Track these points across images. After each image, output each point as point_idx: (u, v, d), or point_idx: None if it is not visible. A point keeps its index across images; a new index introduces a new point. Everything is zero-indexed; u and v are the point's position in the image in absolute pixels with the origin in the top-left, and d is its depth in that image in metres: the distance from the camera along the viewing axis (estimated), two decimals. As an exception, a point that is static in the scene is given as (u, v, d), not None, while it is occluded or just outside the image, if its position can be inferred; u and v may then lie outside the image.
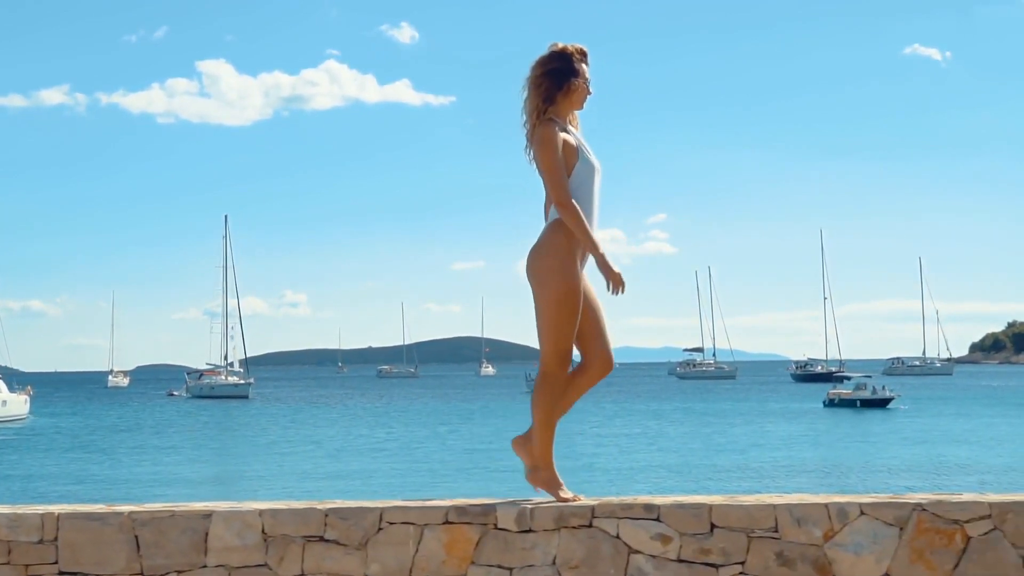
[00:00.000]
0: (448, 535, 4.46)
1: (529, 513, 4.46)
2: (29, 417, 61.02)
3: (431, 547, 4.46)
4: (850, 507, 4.43)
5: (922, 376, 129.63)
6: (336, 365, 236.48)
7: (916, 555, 4.40)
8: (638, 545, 4.43)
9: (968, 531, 4.40)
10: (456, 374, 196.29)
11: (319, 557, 4.46)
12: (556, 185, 4.56)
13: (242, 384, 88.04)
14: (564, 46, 4.70)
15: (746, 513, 4.44)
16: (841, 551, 4.41)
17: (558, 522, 4.45)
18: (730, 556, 4.42)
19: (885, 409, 60.62)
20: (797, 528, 4.42)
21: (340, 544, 4.47)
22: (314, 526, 4.47)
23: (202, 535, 4.47)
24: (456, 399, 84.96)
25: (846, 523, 4.42)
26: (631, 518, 4.45)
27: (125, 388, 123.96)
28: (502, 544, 4.45)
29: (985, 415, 56.11)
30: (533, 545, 4.45)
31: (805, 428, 48.35)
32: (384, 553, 4.46)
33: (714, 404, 71.07)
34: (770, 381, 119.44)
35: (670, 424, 51.64)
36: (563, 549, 4.44)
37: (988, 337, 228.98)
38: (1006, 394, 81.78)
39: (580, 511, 4.46)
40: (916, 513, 4.41)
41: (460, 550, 4.46)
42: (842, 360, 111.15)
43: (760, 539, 4.42)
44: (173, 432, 51.12)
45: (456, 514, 4.47)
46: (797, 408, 64.74)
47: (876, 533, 4.41)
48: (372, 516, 4.48)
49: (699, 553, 4.42)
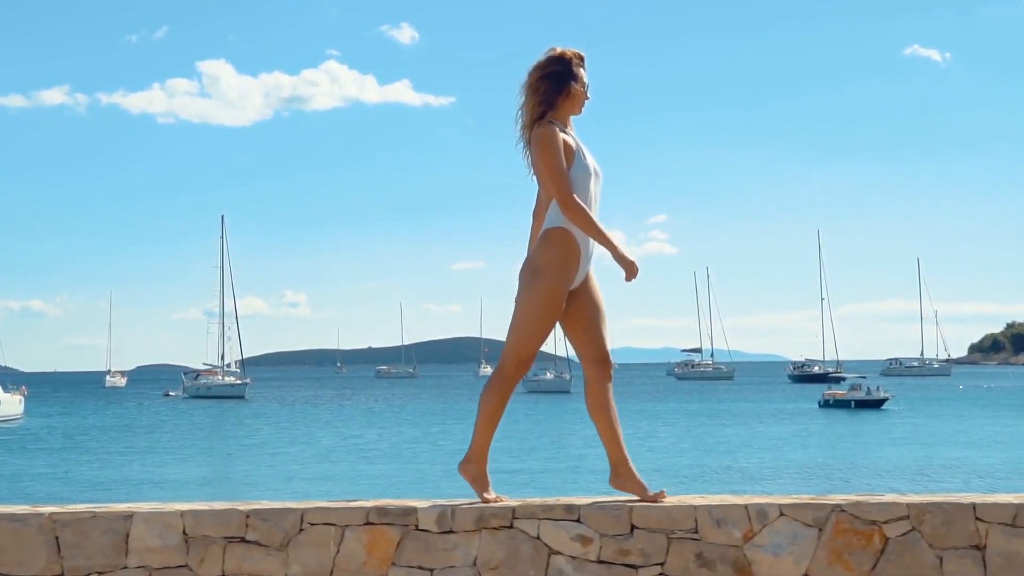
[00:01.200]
0: (369, 536, 4.47)
1: (450, 514, 4.47)
2: (23, 417, 61.02)
3: (352, 548, 4.46)
4: (770, 508, 4.44)
5: (920, 377, 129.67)
6: (335, 365, 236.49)
7: (834, 556, 4.41)
8: (558, 546, 4.44)
9: (886, 532, 4.41)
10: (455, 374, 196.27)
11: (240, 558, 4.47)
12: (560, 186, 4.53)
13: (238, 384, 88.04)
14: (563, 51, 4.68)
15: (666, 514, 4.45)
16: (760, 552, 4.42)
17: (479, 523, 4.46)
18: (650, 557, 4.42)
19: (879, 410, 60.64)
20: (717, 529, 4.43)
21: (261, 545, 4.47)
22: (235, 527, 4.48)
23: (123, 536, 4.47)
24: (453, 399, 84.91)
25: (765, 524, 4.43)
26: (551, 519, 4.45)
27: (123, 388, 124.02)
28: (423, 545, 4.46)
29: (979, 416, 56.08)
30: (454, 546, 4.45)
31: (797, 429, 48.35)
32: (305, 554, 4.46)
33: (709, 405, 71.06)
34: (767, 382, 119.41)
35: (663, 424, 51.62)
36: (484, 550, 4.45)
37: (987, 338, 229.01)
38: (1001, 395, 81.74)
39: (501, 512, 4.47)
40: (835, 514, 4.42)
41: (381, 551, 4.46)
42: (839, 361, 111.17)
43: (680, 540, 4.43)
44: (164, 433, 51.08)
45: (377, 515, 4.48)
46: (792, 409, 64.74)
47: (795, 534, 4.42)
48: (293, 517, 4.48)
49: (619, 554, 4.43)
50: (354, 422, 57.82)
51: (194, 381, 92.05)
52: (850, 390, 65.35)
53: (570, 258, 4.59)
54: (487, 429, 4.76)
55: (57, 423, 59.89)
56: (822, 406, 63.89)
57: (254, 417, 63.21)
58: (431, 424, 53.79)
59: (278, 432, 50.09)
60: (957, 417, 55.46)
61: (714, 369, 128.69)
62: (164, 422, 60.11)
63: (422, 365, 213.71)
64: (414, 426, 52.76)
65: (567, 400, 72.11)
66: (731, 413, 61.23)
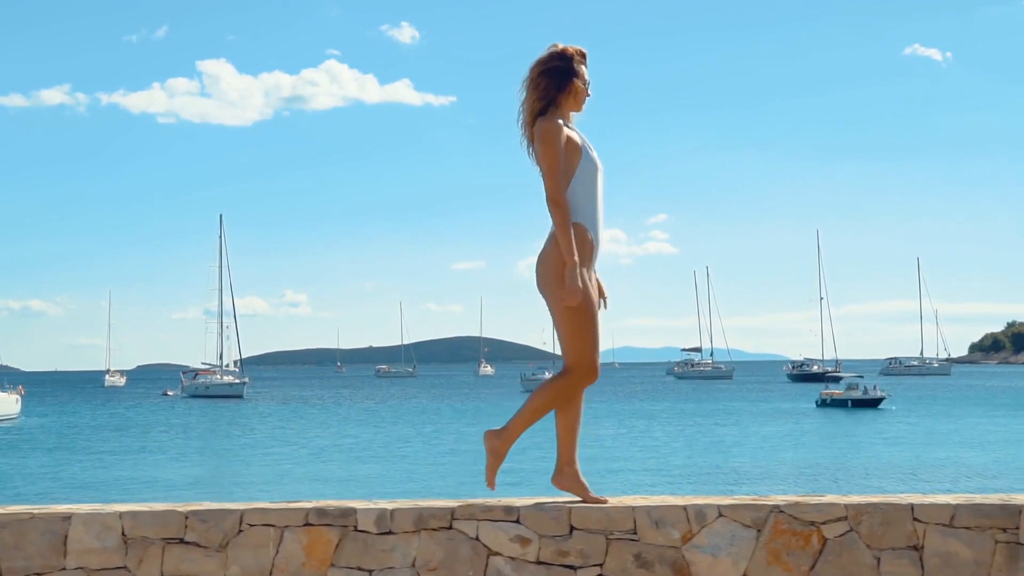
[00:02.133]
0: (308, 537, 4.46)
1: (389, 515, 4.46)
2: (20, 417, 61.02)
3: (291, 549, 4.46)
4: (708, 509, 4.44)
5: (919, 376, 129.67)
6: (335, 365, 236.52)
7: (773, 557, 4.41)
8: (497, 547, 4.43)
9: (824, 532, 4.41)
10: (454, 374, 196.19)
11: (179, 559, 4.46)
12: (552, 181, 4.51)
13: (237, 384, 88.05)
14: (564, 47, 4.67)
15: (605, 515, 4.45)
16: (699, 553, 4.41)
17: (418, 524, 4.45)
18: (588, 558, 4.42)
19: (876, 409, 60.64)
20: (655, 530, 4.43)
21: (200, 546, 4.47)
22: (174, 528, 4.47)
23: (62, 537, 4.47)
24: (450, 399, 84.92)
25: (704, 525, 4.42)
26: (491, 520, 4.45)
27: (122, 388, 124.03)
28: (362, 546, 4.45)
29: (974, 415, 56.06)
30: (392, 547, 4.45)
31: (792, 428, 48.33)
32: (244, 555, 4.46)
33: (706, 404, 71.02)
34: (766, 381, 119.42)
35: (658, 424, 51.60)
36: (422, 551, 4.44)
37: (987, 337, 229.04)
38: (999, 394, 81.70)
39: (440, 513, 4.47)
40: (773, 515, 4.42)
41: (320, 552, 4.46)
42: (838, 360, 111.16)
43: (619, 541, 4.43)
44: (160, 432, 51.08)
45: (316, 516, 4.47)
46: (789, 408, 64.73)
47: (734, 535, 4.42)
48: (232, 518, 4.48)
49: (557, 555, 4.42)
50: (350, 421, 57.82)
51: (192, 380, 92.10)
52: (847, 389, 65.37)
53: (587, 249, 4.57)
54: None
55: (53, 422, 59.89)
56: (819, 405, 63.90)
57: (250, 416, 63.19)
58: (425, 424, 53.75)
59: (273, 432, 50.09)
60: (952, 416, 55.44)
61: (713, 368, 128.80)
62: (160, 421, 60.08)
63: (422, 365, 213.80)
64: (408, 425, 52.74)
65: (565, 399, 71.87)
66: (727, 412, 61.21)
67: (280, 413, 66.92)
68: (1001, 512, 4.39)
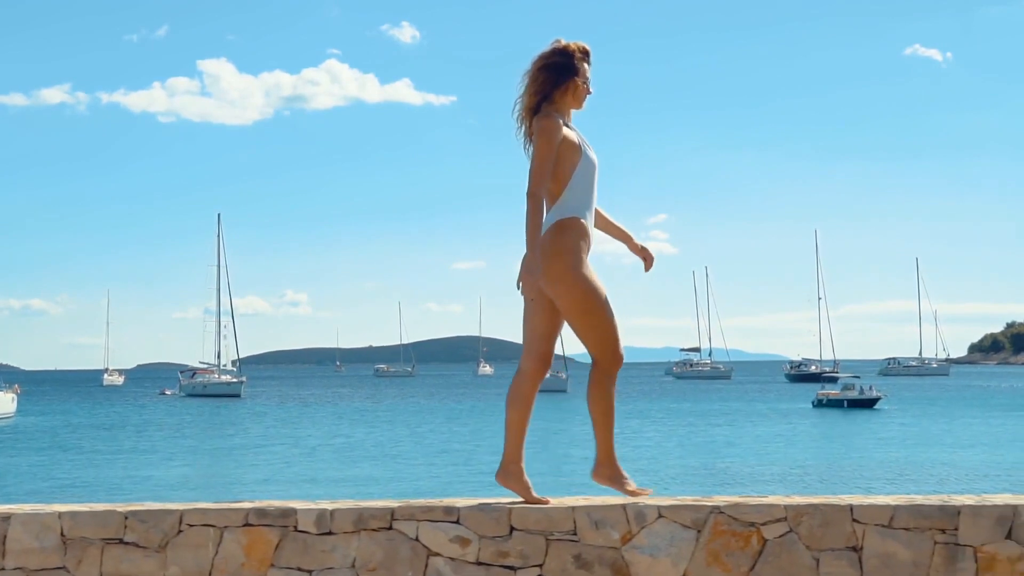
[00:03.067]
0: (248, 537, 4.46)
1: (329, 515, 4.46)
2: (15, 416, 61.03)
3: (230, 549, 4.45)
4: (648, 510, 4.43)
5: (918, 377, 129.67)
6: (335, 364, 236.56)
7: (712, 557, 4.40)
8: (437, 547, 4.43)
9: (764, 533, 4.40)
10: (453, 373, 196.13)
11: (118, 560, 4.45)
12: (536, 175, 4.50)
13: (234, 383, 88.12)
14: (567, 43, 4.65)
15: (545, 516, 4.44)
16: (639, 554, 4.40)
17: (357, 524, 4.45)
18: (528, 559, 4.41)
19: (872, 409, 60.66)
20: (595, 531, 4.42)
21: (139, 547, 4.46)
22: (113, 528, 4.47)
23: (0, 537, 4.46)
24: (447, 399, 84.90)
25: (644, 526, 4.41)
26: (431, 520, 4.44)
27: (120, 387, 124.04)
28: (302, 546, 4.45)
29: (968, 416, 56.05)
30: (332, 547, 4.44)
31: (786, 428, 48.34)
32: (183, 555, 4.45)
33: (701, 404, 71.02)
34: (765, 381, 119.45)
35: (651, 424, 51.60)
36: (362, 551, 4.44)
37: (987, 338, 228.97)
38: (995, 395, 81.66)
39: (380, 513, 4.46)
40: (713, 516, 4.41)
41: (259, 552, 4.45)
42: (836, 360, 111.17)
43: (558, 542, 4.42)
44: (154, 431, 51.09)
45: (256, 516, 4.46)
46: (785, 408, 64.74)
47: (673, 536, 4.41)
48: (172, 518, 4.47)
49: (497, 555, 4.42)
50: (344, 420, 57.82)
51: (190, 379, 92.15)
52: (843, 390, 65.45)
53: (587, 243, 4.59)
54: (606, 430, 4.72)
55: (49, 421, 59.88)
56: (815, 406, 63.95)
57: (245, 416, 63.21)
58: (419, 423, 53.76)
59: (267, 431, 50.09)
60: (947, 417, 55.44)
61: (712, 369, 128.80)
62: (155, 420, 60.11)
63: (422, 364, 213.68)
64: (403, 425, 52.75)
65: (563, 399, 71.98)
66: (722, 413, 61.19)
67: (275, 412, 66.93)
68: (940, 513, 4.38)
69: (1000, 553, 4.35)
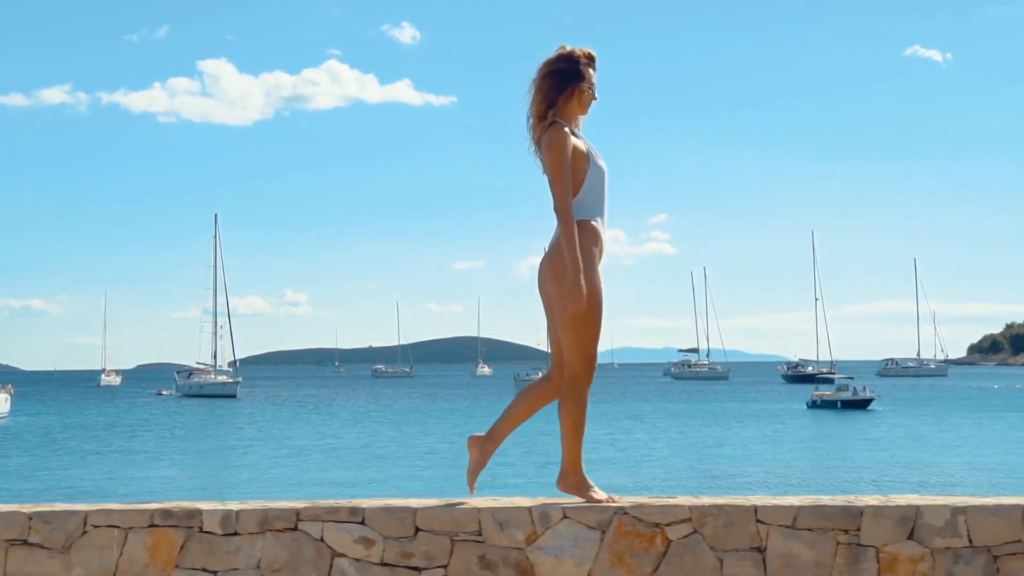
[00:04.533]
0: (152, 538, 4.45)
1: (234, 516, 4.45)
2: (8, 416, 61.04)
3: (135, 550, 4.45)
4: (553, 511, 4.42)
5: (916, 377, 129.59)
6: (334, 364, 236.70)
7: (616, 558, 4.39)
8: (341, 548, 4.42)
9: (668, 534, 4.39)
10: (452, 374, 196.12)
11: (22, 561, 4.45)
12: (559, 193, 4.45)
13: (230, 383, 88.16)
14: (572, 50, 4.60)
15: (450, 516, 4.43)
16: (543, 554, 4.39)
17: (263, 525, 4.44)
18: (433, 559, 4.41)
19: (865, 410, 60.66)
20: (500, 532, 4.41)
21: (44, 548, 4.45)
22: (17, 529, 4.46)
23: (-96, 538, 4.46)
24: (443, 400, 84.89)
25: (548, 527, 4.40)
26: (336, 521, 4.44)
27: (117, 387, 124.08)
28: (207, 547, 4.44)
29: (960, 417, 55.98)
30: (237, 548, 4.44)
31: (777, 429, 48.31)
32: (88, 556, 4.45)
33: (697, 405, 71.00)
34: (762, 382, 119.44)
35: (645, 424, 51.60)
36: (267, 552, 4.43)
37: (986, 339, 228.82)
38: (991, 396, 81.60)
39: (285, 514, 4.46)
40: (618, 516, 4.40)
41: (164, 553, 4.45)
42: (833, 361, 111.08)
43: (463, 542, 4.41)
44: (147, 431, 51.08)
45: (161, 517, 4.46)
46: (779, 409, 64.73)
47: (578, 537, 4.40)
48: (76, 519, 4.47)
49: (402, 556, 4.41)
50: (337, 421, 57.81)
51: (187, 380, 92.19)
52: (837, 391, 65.47)
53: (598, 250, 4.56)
54: (574, 441, 4.67)
55: (42, 422, 59.86)
56: (810, 407, 63.96)
57: (239, 416, 63.19)
58: (413, 424, 53.72)
59: (259, 431, 50.07)
60: (938, 418, 55.37)
61: (709, 369, 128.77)
62: (148, 420, 60.10)
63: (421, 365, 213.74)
64: (396, 425, 52.73)
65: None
66: (717, 414, 61.17)
67: (271, 413, 66.92)
68: (843, 514, 4.37)
69: (902, 553, 4.34)
